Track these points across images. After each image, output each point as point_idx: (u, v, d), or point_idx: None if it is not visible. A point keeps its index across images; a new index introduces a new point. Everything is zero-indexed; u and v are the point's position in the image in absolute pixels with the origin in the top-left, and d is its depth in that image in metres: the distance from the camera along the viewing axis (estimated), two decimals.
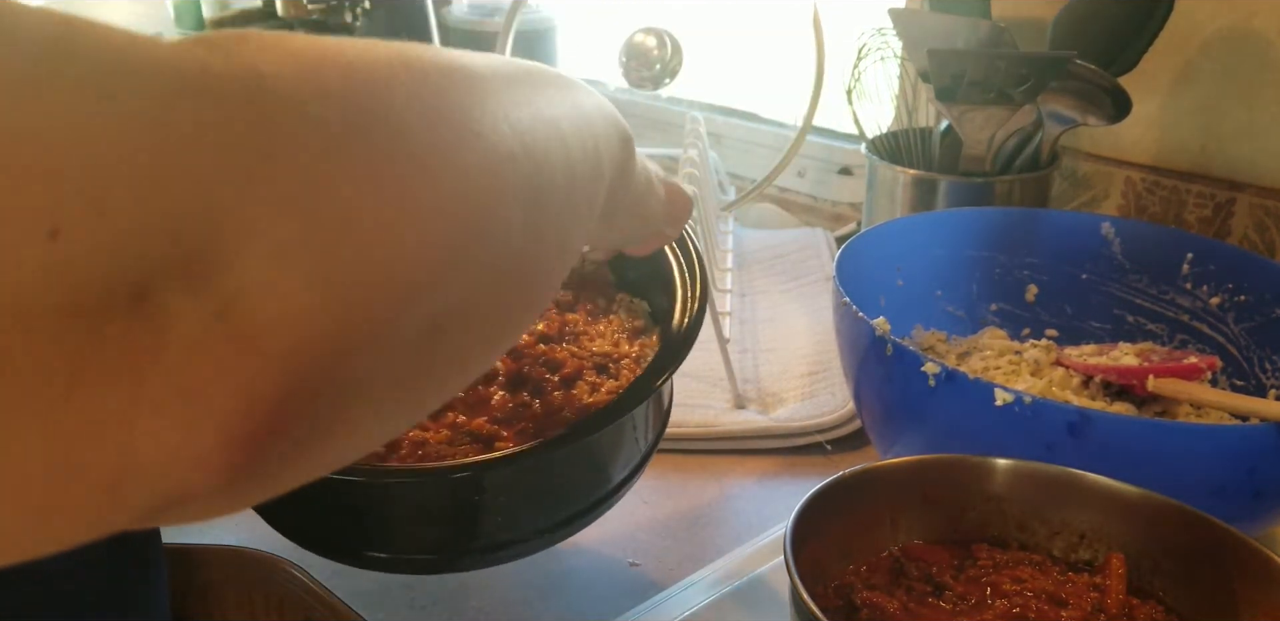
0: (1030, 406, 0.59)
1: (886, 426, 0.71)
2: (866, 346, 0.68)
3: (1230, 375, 0.78)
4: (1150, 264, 0.84)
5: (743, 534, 0.72)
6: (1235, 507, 0.58)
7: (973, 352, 0.81)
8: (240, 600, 0.74)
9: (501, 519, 0.56)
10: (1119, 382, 0.73)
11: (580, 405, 0.59)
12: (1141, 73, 0.86)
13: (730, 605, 0.65)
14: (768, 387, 0.88)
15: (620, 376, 0.61)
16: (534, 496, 0.56)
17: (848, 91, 0.99)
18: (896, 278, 0.83)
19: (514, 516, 0.56)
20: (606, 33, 1.20)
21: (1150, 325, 0.84)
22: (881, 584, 0.55)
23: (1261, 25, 0.88)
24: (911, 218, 0.90)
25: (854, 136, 1.08)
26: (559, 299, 0.67)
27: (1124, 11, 0.85)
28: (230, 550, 0.71)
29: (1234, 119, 0.91)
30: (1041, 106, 0.86)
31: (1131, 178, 0.97)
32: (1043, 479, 0.58)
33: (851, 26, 1.02)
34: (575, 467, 0.57)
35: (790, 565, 0.48)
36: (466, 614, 0.64)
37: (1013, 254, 0.87)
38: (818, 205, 1.24)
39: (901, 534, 0.58)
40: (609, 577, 0.67)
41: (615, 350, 0.64)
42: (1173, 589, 0.55)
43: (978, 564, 0.56)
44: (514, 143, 0.29)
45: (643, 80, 1.13)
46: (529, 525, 0.57)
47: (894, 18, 0.93)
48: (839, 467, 0.56)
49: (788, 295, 1.05)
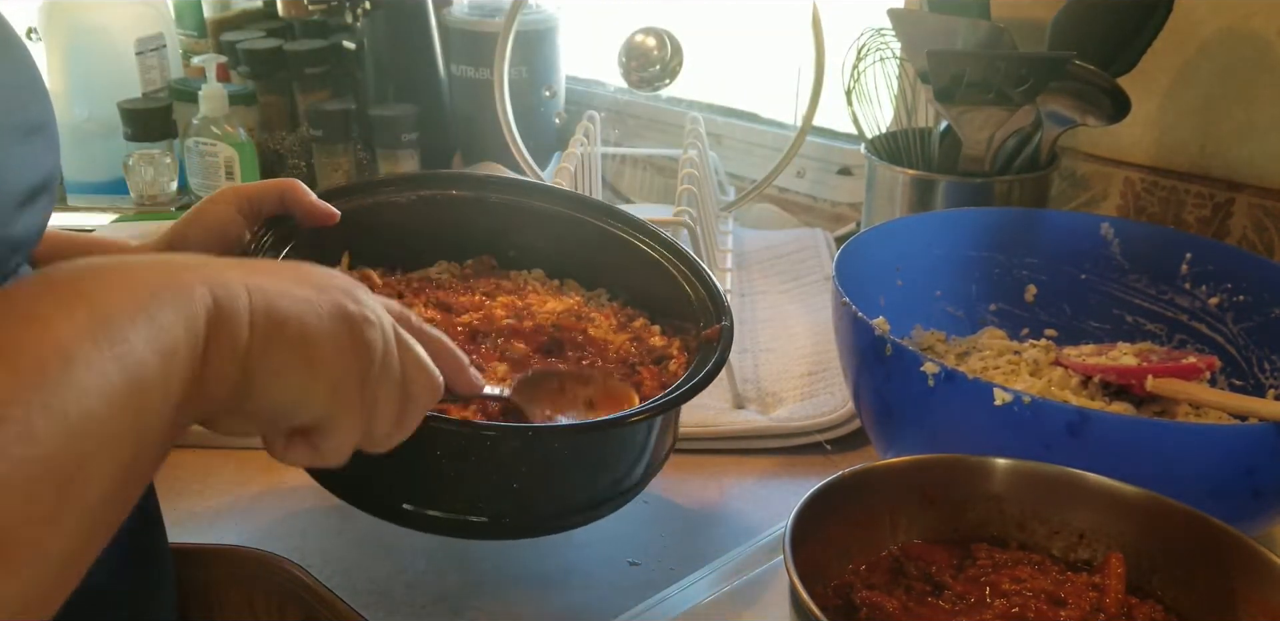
0: (1029, 406, 0.59)
1: (886, 426, 0.71)
2: (866, 346, 0.68)
3: (1229, 375, 0.78)
4: (1149, 264, 0.84)
5: (742, 533, 0.72)
6: (1234, 507, 0.58)
7: (972, 352, 0.81)
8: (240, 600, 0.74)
9: (557, 485, 0.59)
10: (1118, 382, 0.73)
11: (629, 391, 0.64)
12: (1140, 73, 0.86)
13: (730, 604, 0.65)
14: (767, 387, 0.88)
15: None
16: (589, 467, 0.60)
17: (847, 92, 0.99)
18: (896, 278, 0.84)
19: (574, 483, 0.60)
20: (606, 33, 1.20)
21: (1149, 325, 0.84)
22: (881, 583, 0.55)
23: (1260, 26, 0.88)
24: (911, 218, 0.90)
25: (853, 137, 1.08)
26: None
27: (1123, 12, 0.85)
28: (231, 550, 0.71)
29: (1233, 119, 0.91)
30: (1040, 107, 0.86)
31: (1130, 178, 0.97)
32: (1042, 478, 0.58)
33: (851, 27, 1.03)
34: (629, 445, 0.61)
35: (789, 564, 0.48)
36: (466, 614, 0.64)
37: (1012, 254, 0.87)
38: (817, 205, 1.24)
39: (901, 533, 0.58)
40: (609, 576, 0.67)
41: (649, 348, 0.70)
42: (1172, 588, 0.55)
43: (977, 563, 0.56)
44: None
45: (643, 80, 1.13)
46: (580, 495, 0.60)
47: (893, 18, 0.93)
48: (839, 467, 0.56)
49: (787, 295, 1.05)
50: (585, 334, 0.69)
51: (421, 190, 0.73)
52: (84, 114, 1.27)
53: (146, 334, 0.36)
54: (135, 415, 0.35)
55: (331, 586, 0.66)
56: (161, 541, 0.62)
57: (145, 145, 1.21)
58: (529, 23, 1.20)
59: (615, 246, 0.73)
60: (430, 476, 0.58)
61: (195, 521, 0.73)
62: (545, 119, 1.27)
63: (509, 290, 0.74)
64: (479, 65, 1.23)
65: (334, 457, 0.45)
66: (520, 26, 1.14)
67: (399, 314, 0.47)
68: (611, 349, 0.69)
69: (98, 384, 0.33)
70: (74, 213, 1.26)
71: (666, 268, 0.71)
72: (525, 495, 0.59)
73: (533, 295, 0.74)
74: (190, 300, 0.38)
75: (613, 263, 0.74)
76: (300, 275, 0.44)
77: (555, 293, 0.75)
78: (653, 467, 0.65)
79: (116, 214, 1.20)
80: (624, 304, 0.74)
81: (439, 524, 0.59)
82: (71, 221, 1.21)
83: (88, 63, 1.27)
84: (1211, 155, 0.92)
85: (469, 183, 0.75)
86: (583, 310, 0.73)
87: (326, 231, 0.64)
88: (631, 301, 0.74)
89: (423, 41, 1.27)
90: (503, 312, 0.70)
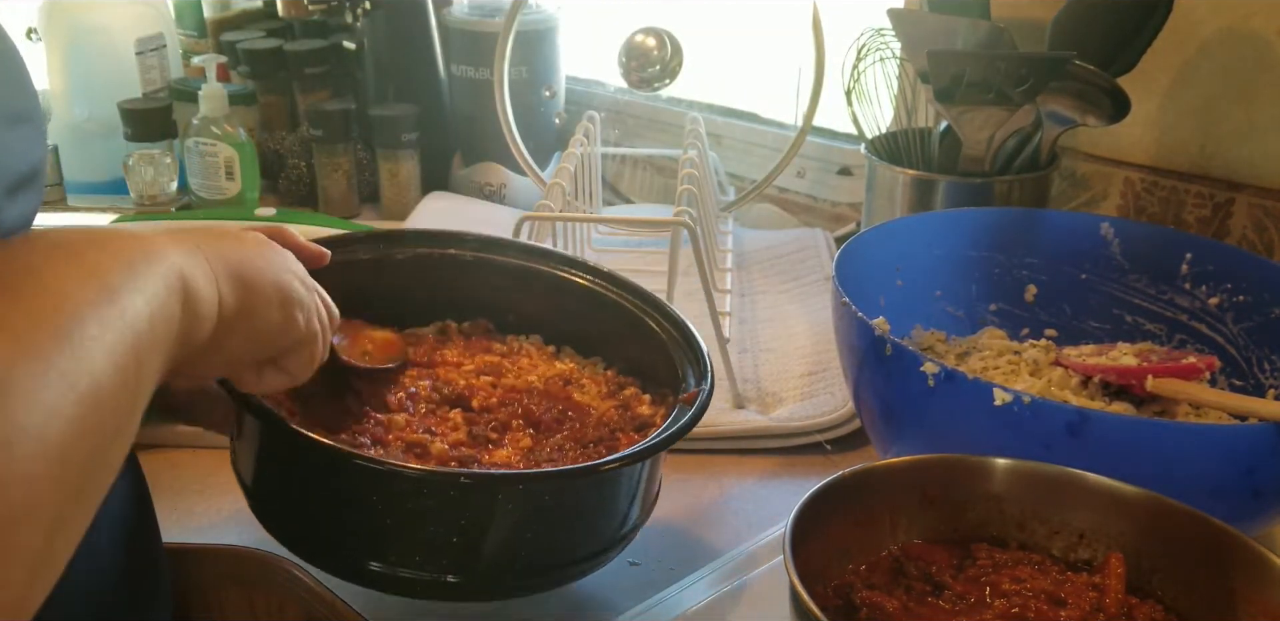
0: (1029, 406, 0.59)
1: (886, 426, 0.71)
2: (866, 346, 0.68)
3: (1229, 375, 0.78)
4: (1149, 264, 0.84)
5: (742, 533, 0.72)
6: (1233, 507, 0.58)
7: (972, 352, 0.81)
8: (240, 600, 0.74)
9: (532, 538, 0.57)
10: (1118, 382, 0.73)
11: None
12: (1140, 73, 0.86)
13: (730, 604, 0.65)
14: (767, 387, 0.88)
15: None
16: (558, 521, 0.57)
17: (847, 92, 0.99)
18: (896, 278, 0.84)
19: (545, 539, 0.57)
20: (606, 33, 1.20)
21: (1149, 325, 0.84)
22: (881, 583, 0.55)
23: (1260, 26, 0.88)
24: (911, 218, 0.90)
25: (853, 137, 1.08)
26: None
27: (1123, 12, 0.85)
28: (230, 550, 0.71)
29: (1232, 119, 0.91)
30: (1040, 107, 0.86)
31: (1130, 178, 0.97)
32: (1042, 478, 0.58)
33: (851, 27, 1.03)
34: (606, 497, 0.59)
35: (790, 564, 0.48)
36: (467, 614, 0.64)
37: (1012, 254, 0.87)
38: (817, 205, 1.24)
39: (901, 533, 0.58)
40: (609, 576, 0.67)
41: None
42: (1172, 588, 0.55)
43: (977, 563, 0.56)
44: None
45: (643, 80, 1.13)
46: (560, 552, 0.58)
47: (893, 18, 0.93)
48: (838, 467, 0.56)
49: (787, 295, 1.05)
50: (569, 399, 0.68)
51: (419, 248, 0.73)
52: (84, 114, 1.27)
53: (143, 298, 0.39)
54: (136, 370, 0.37)
55: (331, 586, 0.66)
56: (156, 541, 0.62)
57: (145, 145, 1.21)
58: (529, 23, 1.20)
59: (611, 312, 0.72)
60: (397, 530, 0.56)
61: (195, 521, 0.73)
62: (545, 119, 1.27)
63: (501, 354, 0.73)
64: (479, 65, 1.23)
65: (305, 374, 0.55)
66: (520, 26, 1.14)
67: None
68: (594, 414, 0.68)
69: (106, 349, 0.36)
70: (74, 213, 1.26)
71: (659, 334, 0.70)
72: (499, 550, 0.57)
73: (524, 360, 0.73)
74: (169, 264, 0.42)
75: (609, 330, 0.73)
76: (230, 233, 0.51)
77: (548, 359, 0.74)
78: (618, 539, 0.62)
79: (116, 214, 1.20)
80: (618, 372, 0.73)
81: (407, 585, 0.57)
82: (71, 221, 1.21)
83: (88, 63, 1.27)
84: (1211, 155, 0.92)
85: (466, 243, 0.74)
86: (573, 375, 0.72)
87: (321, 282, 0.61)
88: (626, 370, 0.73)
89: (423, 41, 1.27)
90: (479, 374, 0.70)
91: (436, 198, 1.27)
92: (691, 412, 0.61)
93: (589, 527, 0.60)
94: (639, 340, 0.71)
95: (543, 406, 0.67)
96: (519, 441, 0.64)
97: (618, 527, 0.61)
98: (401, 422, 0.62)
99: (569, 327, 0.75)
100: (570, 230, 0.97)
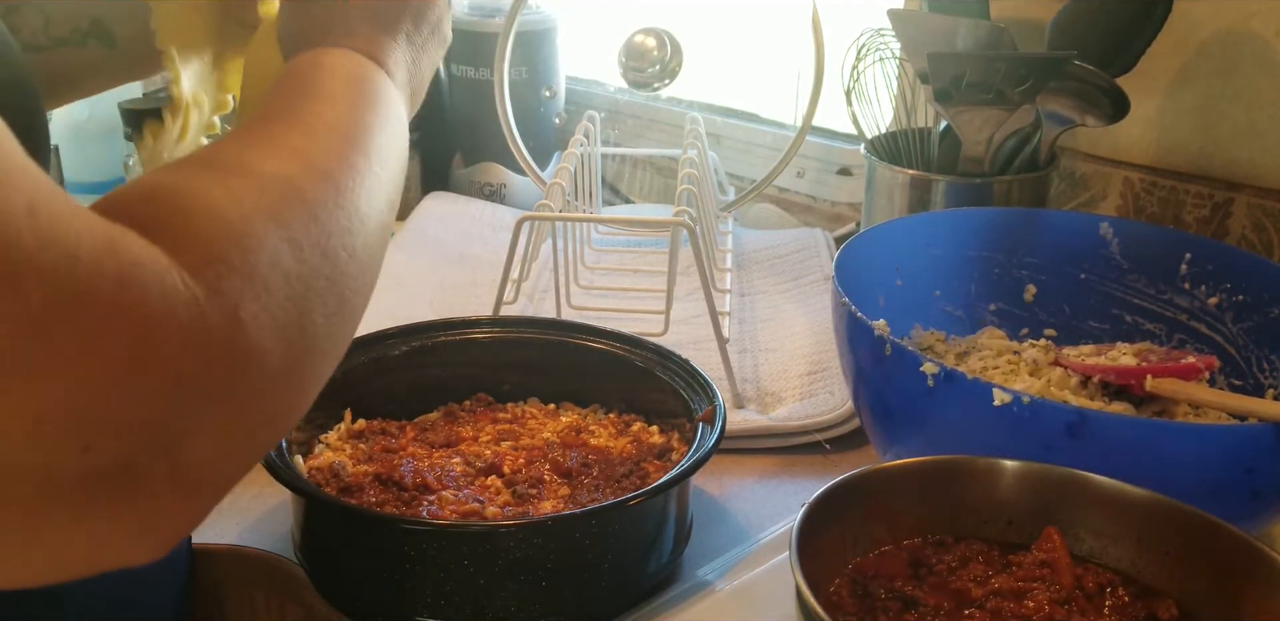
0: (1029, 406, 0.59)
1: (885, 426, 0.71)
2: (866, 346, 0.68)
3: (1228, 375, 0.78)
4: (1148, 264, 0.84)
5: (742, 533, 0.72)
6: (1233, 507, 0.58)
7: (971, 352, 0.82)
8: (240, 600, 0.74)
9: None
10: (1117, 382, 0.73)
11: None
12: (1140, 73, 0.86)
13: (730, 604, 0.65)
14: (767, 387, 0.88)
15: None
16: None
17: (847, 92, 0.99)
18: (895, 278, 0.84)
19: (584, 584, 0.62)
20: (606, 33, 1.20)
21: (1148, 325, 0.84)
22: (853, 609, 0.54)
23: (1259, 26, 0.88)
24: (910, 218, 0.90)
25: (853, 137, 1.08)
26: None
27: (1122, 12, 0.85)
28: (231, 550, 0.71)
29: (1232, 119, 0.91)
30: (1040, 107, 0.86)
31: (1130, 178, 0.97)
32: (1042, 479, 0.58)
33: (851, 27, 1.03)
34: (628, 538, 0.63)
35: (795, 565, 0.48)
36: None
37: (1011, 254, 0.87)
38: (817, 205, 1.24)
39: (904, 533, 0.58)
40: None
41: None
42: (1175, 588, 0.55)
43: (934, 569, 0.56)
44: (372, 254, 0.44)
45: (643, 80, 1.13)
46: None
47: (893, 18, 0.93)
48: (838, 467, 0.57)
49: (787, 295, 1.05)
50: (586, 445, 0.73)
51: (411, 341, 0.77)
52: (84, 114, 1.27)
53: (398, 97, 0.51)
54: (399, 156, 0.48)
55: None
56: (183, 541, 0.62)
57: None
58: (529, 23, 1.20)
59: (601, 361, 0.77)
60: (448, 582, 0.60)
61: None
62: (545, 119, 1.27)
63: (509, 420, 0.77)
64: (479, 65, 1.23)
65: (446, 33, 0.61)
66: (520, 27, 1.14)
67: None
68: (615, 453, 0.71)
69: (397, 148, 0.48)
70: None
71: (653, 372, 0.74)
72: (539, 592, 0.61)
73: (531, 421, 0.77)
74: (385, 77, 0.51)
75: (604, 377, 0.78)
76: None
77: (552, 416, 0.78)
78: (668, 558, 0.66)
79: None
80: (620, 412, 0.78)
81: None
82: None
83: None
84: (1211, 155, 0.93)
85: (452, 326, 0.79)
86: (581, 424, 0.76)
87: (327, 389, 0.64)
88: (626, 408, 0.78)
89: None
90: (498, 440, 0.74)
91: (436, 198, 1.27)
92: (718, 424, 0.67)
93: (657, 541, 0.65)
94: (626, 377, 0.76)
95: (566, 456, 0.70)
96: (558, 491, 0.67)
97: (685, 535, 0.68)
98: (450, 498, 0.65)
99: (559, 383, 0.79)
100: (570, 230, 0.97)
